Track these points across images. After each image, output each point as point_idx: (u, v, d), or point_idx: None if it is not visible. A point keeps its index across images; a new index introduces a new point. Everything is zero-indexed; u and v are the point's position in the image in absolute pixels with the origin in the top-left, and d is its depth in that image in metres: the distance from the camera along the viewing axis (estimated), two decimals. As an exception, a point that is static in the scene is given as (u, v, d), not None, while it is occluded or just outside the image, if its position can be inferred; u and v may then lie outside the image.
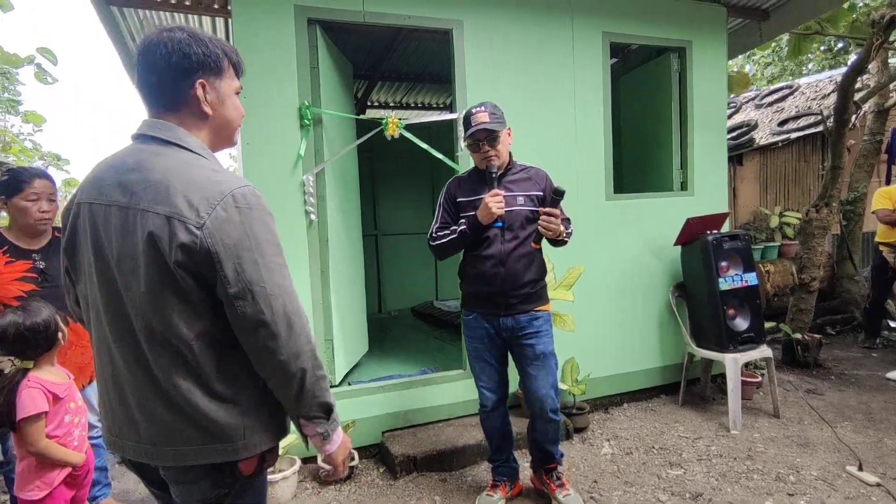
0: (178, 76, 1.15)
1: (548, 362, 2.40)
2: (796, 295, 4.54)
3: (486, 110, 2.30)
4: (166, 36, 1.15)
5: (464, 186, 2.46)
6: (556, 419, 2.44)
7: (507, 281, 2.33)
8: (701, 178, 3.94)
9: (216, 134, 1.25)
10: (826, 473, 2.79)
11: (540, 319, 2.40)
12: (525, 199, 2.37)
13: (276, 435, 1.24)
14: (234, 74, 1.25)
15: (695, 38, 3.86)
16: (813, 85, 7.82)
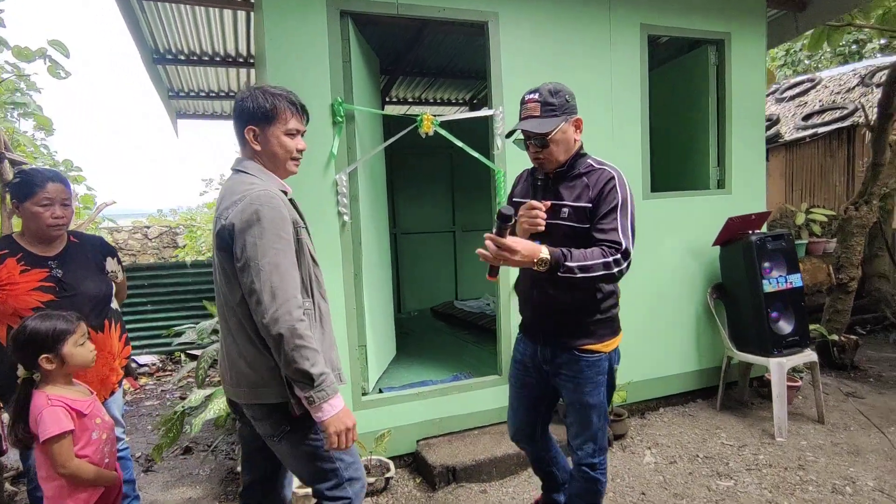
0: (239, 124, 1.64)
1: (585, 414, 1.92)
2: (833, 295, 4.41)
3: (539, 99, 1.80)
4: (238, 96, 1.65)
5: (523, 183, 2.08)
6: (593, 476, 1.98)
7: (539, 306, 1.94)
8: (739, 175, 3.81)
9: (269, 163, 1.66)
10: (883, 484, 2.68)
11: (583, 363, 1.88)
12: (570, 210, 1.84)
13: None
14: (287, 118, 1.63)
15: (734, 29, 3.72)
16: (836, 78, 7.64)
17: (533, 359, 2.03)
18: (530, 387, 2.08)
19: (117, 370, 2.26)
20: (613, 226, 1.76)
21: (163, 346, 5.61)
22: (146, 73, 4.13)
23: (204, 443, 3.62)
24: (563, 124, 1.82)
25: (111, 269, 2.28)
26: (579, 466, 2.00)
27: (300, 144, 1.68)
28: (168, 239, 9.55)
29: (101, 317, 2.16)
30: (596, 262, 1.70)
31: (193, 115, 5.89)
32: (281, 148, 1.63)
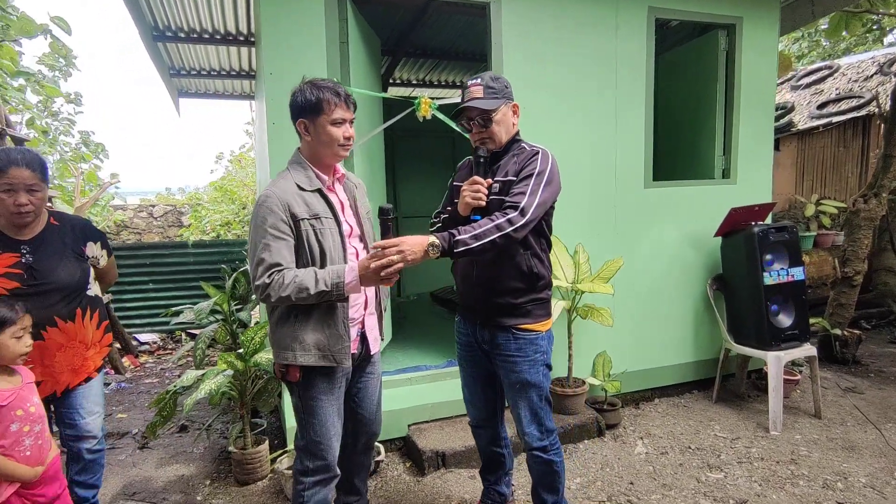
0: (293, 118, 1.86)
1: (526, 394, 1.98)
2: (837, 289, 4.34)
3: (481, 83, 1.91)
4: (291, 92, 1.86)
5: (463, 170, 2.13)
6: (546, 458, 2.02)
7: (479, 287, 1.97)
8: (745, 165, 3.73)
9: (319, 150, 1.85)
10: (875, 480, 2.66)
11: (521, 341, 1.95)
12: (500, 185, 1.91)
13: (295, 354, 1.78)
14: (332, 109, 1.78)
15: (746, 14, 3.61)
16: (854, 66, 7.43)
17: (476, 341, 2.08)
18: (481, 364, 2.12)
19: (92, 360, 2.17)
20: (522, 190, 1.83)
21: (164, 325, 5.66)
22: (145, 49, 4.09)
23: (200, 421, 3.66)
24: (503, 106, 1.94)
25: (92, 255, 2.18)
26: (531, 453, 2.04)
27: (347, 132, 1.82)
28: (173, 218, 9.59)
29: (72, 305, 2.07)
30: (487, 227, 1.76)
31: (196, 94, 5.85)
32: (328, 137, 1.79)
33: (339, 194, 1.93)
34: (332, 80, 1.84)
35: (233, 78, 5.21)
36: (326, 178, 1.87)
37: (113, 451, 3.25)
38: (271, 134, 2.69)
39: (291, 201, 1.74)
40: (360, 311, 1.93)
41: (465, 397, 2.25)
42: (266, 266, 1.69)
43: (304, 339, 1.76)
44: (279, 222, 1.72)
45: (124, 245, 5.88)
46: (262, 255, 1.70)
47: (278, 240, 1.71)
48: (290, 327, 1.78)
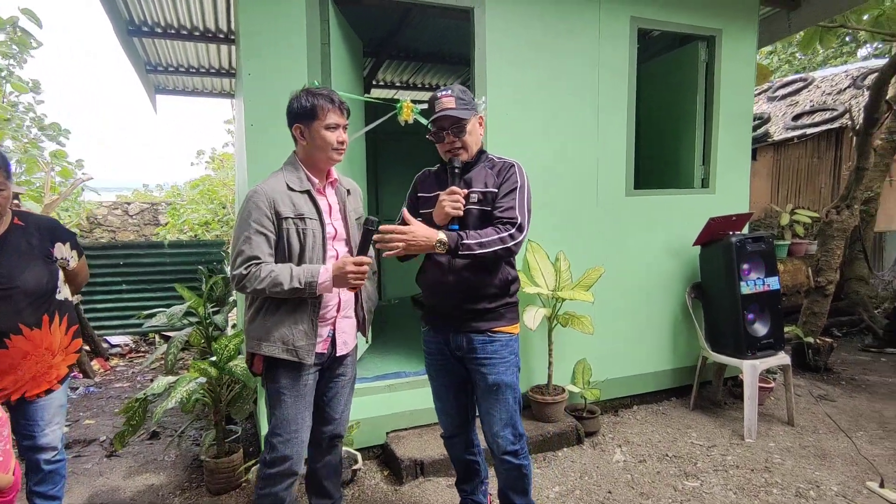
0: (289, 123, 1.94)
1: (502, 396, 2.02)
2: (811, 298, 4.43)
3: (452, 95, 1.98)
4: (289, 99, 1.94)
5: (429, 181, 2.14)
6: (517, 463, 2.05)
7: (455, 293, 1.98)
8: (723, 175, 3.78)
9: (314, 154, 1.92)
10: (846, 489, 2.70)
11: (497, 343, 2.00)
12: (479, 195, 1.97)
13: (260, 344, 1.86)
14: (326, 114, 1.87)
15: (725, 26, 3.66)
16: (828, 79, 7.62)
17: (447, 346, 2.08)
18: (453, 371, 2.13)
19: (57, 367, 2.08)
20: (511, 204, 1.94)
21: (136, 327, 5.52)
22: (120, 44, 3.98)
23: (172, 428, 3.57)
24: (472, 118, 2.01)
25: (61, 256, 2.10)
26: (502, 458, 2.05)
27: (341, 137, 1.90)
28: (150, 216, 9.37)
29: (39, 311, 2.00)
30: (491, 238, 1.88)
31: (173, 91, 5.72)
32: (323, 141, 1.88)
33: (328, 197, 1.99)
34: (326, 88, 1.95)
35: (212, 76, 5.11)
36: (317, 180, 1.95)
37: (79, 459, 3.14)
38: (250, 135, 2.63)
39: (278, 199, 1.83)
40: (333, 313, 1.98)
41: (438, 407, 2.24)
42: (245, 258, 1.79)
43: (271, 331, 1.85)
44: (263, 217, 1.81)
45: (97, 244, 5.72)
46: (243, 247, 1.80)
47: (259, 234, 1.80)
48: (260, 319, 1.87)
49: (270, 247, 1.83)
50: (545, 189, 3.29)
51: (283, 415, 1.90)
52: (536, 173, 3.25)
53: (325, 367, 2.02)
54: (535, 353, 3.36)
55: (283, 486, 1.93)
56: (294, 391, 1.90)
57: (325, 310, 1.93)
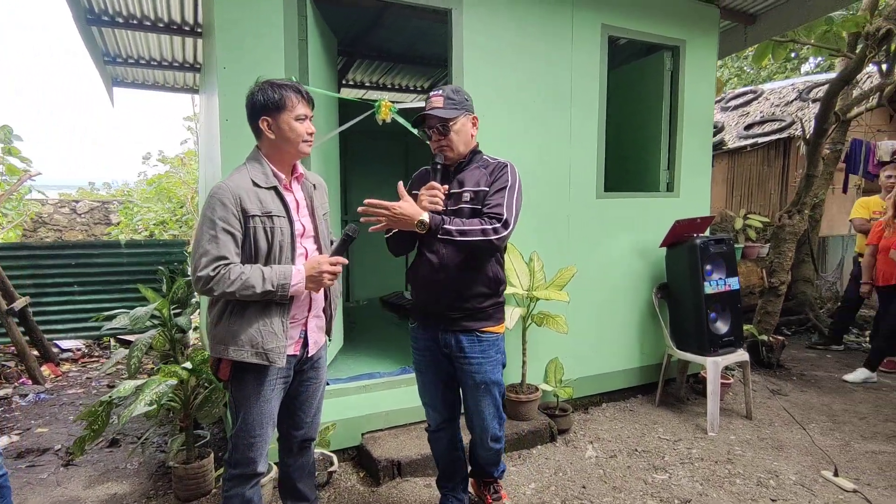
0: (253, 117, 1.85)
1: (490, 392, 2.12)
2: (764, 298, 4.66)
3: (442, 95, 2.03)
4: (248, 93, 1.85)
5: (422, 178, 2.18)
6: (497, 447, 2.25)
7: (446, 292, 2.02)
8: (687, 179, 3.94)
9: (282, 147, 1.85)
10: (804, 478, 2.85)
11: (485, 343, 2.07)
12: (472, 194, 2.02)
13: (227, 349, 1.76)
14: (295, 105, 1.81)
15: (688, 37, 3.82)
16: (777, 91, 8.06)
17: (437, 346, 2.13)
18: (441, 367, 2.17)
19: None
20: (500, 201, 1.98)
21: (90, 331, 5.25)
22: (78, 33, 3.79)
23: (133, 434, 3.41)
24: (462, 117, 2.04)
25: None
26: (490, 444, 2.21)
27: (310, 128, 1.86)
28: (100, 215, 8.95)
29: None
30: (474, 227, 1.91)
31: (133, 84, 5.48)
32: (292, 132, 1.82)
33: (295, 193, 1.93)
34: (290, 80, 1.89)
35: (175, 69, 4.93)
36: (283, 176, 1.88)
37: (33, 469, 2.97)
38: (225, 130, 2.56)
39: (244, 196, 1.75)
40: (304, 312, 1.92)
41: (426, 402, 2.26)
42: (212, 258, 1.69)
43: (238, 334, 1.76)
44: (229, 216, 1.72)
45: (43, 244, 5.40)
46: (208, 247, 1.70)
47: (226, 233, 1.72)
48: (226, 322, 1.78)
49: (237, 246, 1.74)
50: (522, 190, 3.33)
51: (249, 419, 1.84)
52: (511, 175, 3.30)
53: (297, 369, 1.97)
54: (508, 352, 3.38)
55: (250, 486, 1.91)
56: (262, 396, 1.84)
57: (296, 310, 1.87)
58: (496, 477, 2.45)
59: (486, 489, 2.47)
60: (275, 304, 1.79)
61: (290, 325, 1.86)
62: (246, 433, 1.85)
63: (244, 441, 1.86)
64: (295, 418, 2.05)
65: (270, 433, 1.92)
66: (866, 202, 4.91)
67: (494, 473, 2.41)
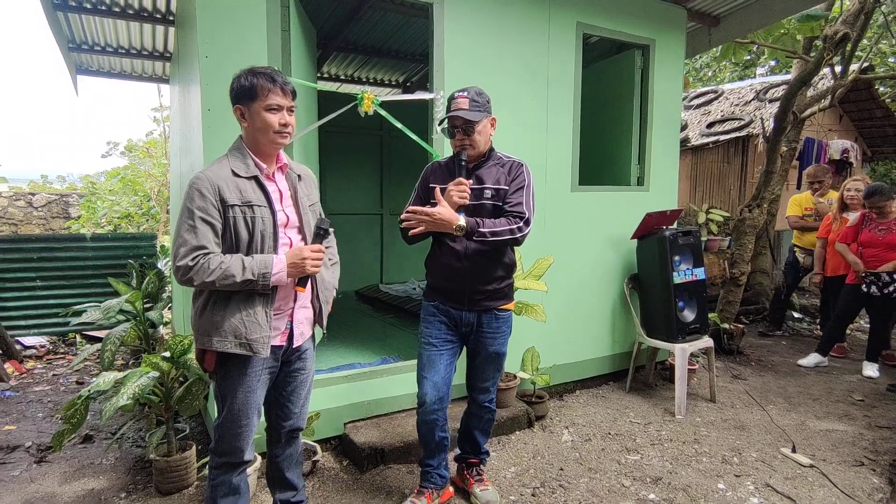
0: (232, 105, 1.84)
1: (500, 361, 2.42)
2: (726, 288, 4.89)
3: (468, 96, 2.19)
4: None
5: (438, 172, 2.34)
6: (494, 409, 2.52)
7: (470, 278, 2.25)
8: (656, 174, 4.10)
9: (257, 137, 1.84)
10: (764, 455, 3.04)
11: (501, 319, 2.35)
12: (493, 192, 2.25)
13: (211, 340, 1.76)
14: (267, 95, 1.77)
15: (658, 36, 3.97)
16: (736, 91, 8.41)
17: (455, 323, 2.33)
18: (456, 343, 2.38)
19: None
20: (520, 200, 2.22)
21: (54, 327, 5.08)
22: (44, 17, 3.66)
23: (106, 430, 3.35)
24: (484, 119, 2.22)
25: None
26: (486, 406, 2.47)
27: (284, 119, 1.81)
28: (58, 208, 8.61)
29: None
30: (503, 228, 2.15)
31: (98, 73, 5.30)
32: (263, 123, 1.78)
33: (278, 183, 1.92)
34: (270, 67, 1.85)
35: (143, 58, 4.80)
36: (265, 166, 1.87)
37: (4, 466, 2.88)
38: (206, 121, 2.54)
39: (223, 186, 1.74)
40: (290, 304, 1.92)
41: (428, 377, 2.33)
42: (190, 248, 1.69)
43: (221, 325, 1.75)
44: (208, 205, 1.72)
45: (4, 237, 5.19)
46: (186, 237, 1.70)
47: (205, 223, 1.71)
48: (209, 313, 1.77)
49: (217, 236, 1.73)
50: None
51: (235, 408, 1.84)
52: (490, 168, 3.37)
53: (284, 360, 1.98)
54: (487, 341, 3.48)
55: (236, 473, 1.93)
56: (247, 386, 1.84)
57: (281, 301, 1.86)
58: (481, 457, 2.56)
59: (468, 472, 2.56)
60: (258, 295, 1.78)
61: (276, 316, 1.86)
62: (232, 423, 1.86)
63: (231, 431, 1.87)
64: (283, 409, 2.06)
65: (256, 422, 1.93)
66: (798, 200, 5.29)
67: (482, 448, 2.55)
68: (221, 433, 1.88)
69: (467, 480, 2.56)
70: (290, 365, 2.01)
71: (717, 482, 2.75)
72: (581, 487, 2.69)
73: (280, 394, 2.03)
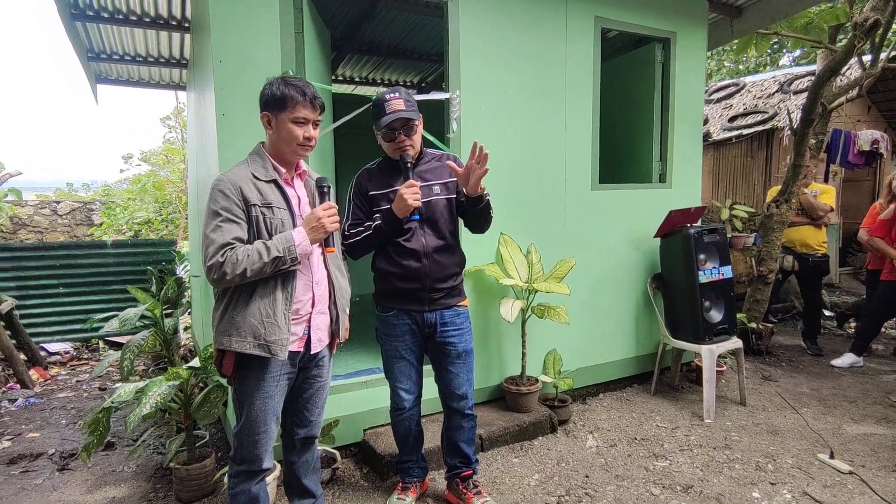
0: (260, 110, 1.85)
1: (469, 360, 2.38)
2: (753, 286, 4.74)
3: (401, 97, 2.16)
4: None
5: (375, 179, 2.30)
6: (474, 415, 2.46)
7: (431, 276, 2.23)
8: (679, 170, 3.98)
9: (280, 146, 1.85)
10: (800, 461, 2.91)
11: (462, 315, 2.35)
12: (441, 187, 2.27)
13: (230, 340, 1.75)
14: (295, 107, 1.79)
15: (679, 29, 3.86)
16: (758, 84, 8.20)
17: (418, 326, 2.31)
18: (420, 347, 2.38)
19: None
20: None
21: (77, 333, 5.14)
22: (63, 28, 3.69)
23: (128, 437, 3.36)
24: (419, 118, 2.23)
25: None
26: (466, 413, 2.41)
27: (308, 132, 1.83)
28: (82, 216, 8.75)
29: None
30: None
31: (117, 81, 5.36)
32: (287, 134, 1.81)
33: (296, 189, 1.93)
34: (302, 79, 1.87)
35: (161, 65, 4.83)
36: (284, 170, 1.88)
37: (27, 474, 2.90)
38: (221, 125, 2.52)
39: (244, 186, 1.76)
40: (308, 308, 1.90)
41: (402, 386, 2.39)
42: (218, 246, 1.70)
43: (241, 325, 1.76)
44: (232, 205, 1.74)
45: (27, 245, 5.27)
46: (213, 236, 1.71)
47: (231, 222, 1.72)
48: (230, 314, 1.78)
49: (243, 232, 1.75)
50: (518, 183, 3.35)
51: (252, 415, 1.83)
52: (508, 167, 3.31)
53: (301, 367, 1.96)
54: (507, 344, 3.42)
55: (256, 482, 1.91)
56: (264, 392, 1.83)
57: (298, 304, 1.85)
58: (473, 467, 2.51)
59: (464, 486, 2.48)
60: (277, 296, 1.78)
61: (294, 320, 1.85)
62: (250, 430, 1.85)
63: (248, 438, 1.85)
64: (299, 416, 2.04)
65: (275, 430, 1.91)
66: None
67: (472, 459, 2.50)
68: (240, 441, 1.87)
69: (465, 496, 2.45)
70: (307, 372, 1.99)
71: (752, 490, 2.63)
72: (608, 496, 2.60)
73: (296, 400, 2.02)
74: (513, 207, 3.34)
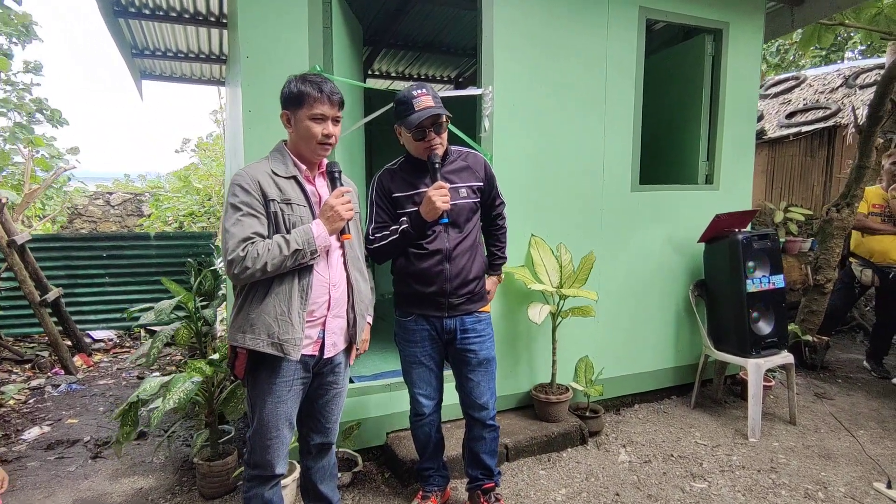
0: (280, 107, 1.83)
1: (490, 368, 2.29)
2: (809, 296, 4.42)
3: (429, 93, 2.05)
4: None
5: (398, 180, 2.19)
6: (496, 426, 2.36)
7: (452, 279, 2.15)
8: (727, 171, 3.73)
9: (300, 145, 1.83)
10: (854, 490, 2.67)
11: (483, 322, 2.27)
12: (468, 190, 2.19)
13: (244, 336, 1.73)
14: (313, 104, 1.75)
15: (732, 19, 3.60)
16: (820, 77, 7.65)
17: (437, 332, 2.22)
18: (439, 353, 2.30)
19: None
20: (502, 200, 2.38)
21: (121, 321, 5.33)
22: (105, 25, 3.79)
23: (160, 427, 3.43)
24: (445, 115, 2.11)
25: None
26: (489, 424, 2.31)
27: (327, 129, 1.78)
28: (132, 207, 9.11)
29: None
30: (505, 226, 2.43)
31: (160, 77, 5.51)
32: (306, 131, 1.78)
33: (318, 187, 1.90)
34: (320, 76, 1.83)
35: (202, 61, 4.92)
36: (305, 168, 1.86)
37: (61, 461, 2.99)
38: (247, 122, 2.50)
39: (263, 181, 1.75)
40: (323, 311, 1.85)
41: (422, 392, 2.32)
42: (238, 240, 1.68)
43: (256, 322, 1.73)
44: (252, 199, 1.72)
45: (76, 236, 5.50)
46: (234, 230, 1.69)
47: (250, 216, 1.71)
48: (245, 311, 1.76)
49: (264, 228, 1.72)
50: (552, 183, 3.21)
51: (264, 419, 1.80)
52: (541, 166, 3.17)
53: (316, 372, 1.91)
54: (537, 350, 3.29)
55: (269, 487, 1.88)
56: (276, 395, 1.79)
57: (313, 306, 1.81)
58: (495, 479, 2.41)
59: (485, 498, 2.38)
60: (293, 296, 1.74)
61: (309, 323, 1.81)
62: (262, 434, 1.82)
63: (260, 443, 1.83)
64: (315, 422, 2.00)
65: (288, 435, 1.87)
66: (868, 193, 4.24)
67: (494, 470, 2.40)
68: (253, 445, 1.85)
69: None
70: (322, 377, 1.94)
71: (799, 520, 2.43)
72: (639, 517, 2.46)
73: (312, 406, 1.98)
74: (545, 208, 3.20)
